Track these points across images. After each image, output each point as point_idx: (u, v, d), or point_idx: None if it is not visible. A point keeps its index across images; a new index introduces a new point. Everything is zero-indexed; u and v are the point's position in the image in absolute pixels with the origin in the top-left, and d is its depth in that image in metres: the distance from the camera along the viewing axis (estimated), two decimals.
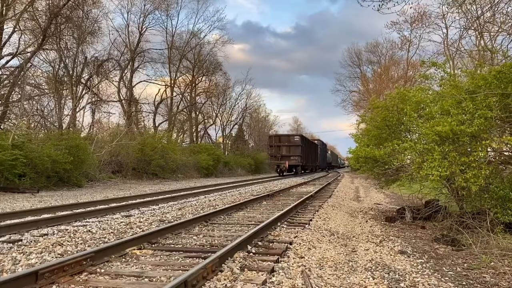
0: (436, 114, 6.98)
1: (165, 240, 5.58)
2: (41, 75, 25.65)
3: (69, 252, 4.78)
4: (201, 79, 43.76)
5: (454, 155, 5.86)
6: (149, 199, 11.56)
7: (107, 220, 7.63)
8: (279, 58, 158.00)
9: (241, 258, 4.45)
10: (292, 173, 34.54)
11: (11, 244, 5.25)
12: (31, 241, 5.41)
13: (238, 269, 4.00)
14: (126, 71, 34.19)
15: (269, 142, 35.32)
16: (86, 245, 5.22)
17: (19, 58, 21.15)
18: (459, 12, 16.80)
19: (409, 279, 4.12)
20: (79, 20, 24.57)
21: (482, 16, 15.68)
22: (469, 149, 6.19)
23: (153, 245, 5.23)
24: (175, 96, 40.06)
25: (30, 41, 22.03)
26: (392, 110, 8.83)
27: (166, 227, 6.00)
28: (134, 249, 4.89)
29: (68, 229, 6.44)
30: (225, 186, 18.58)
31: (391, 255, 5.26)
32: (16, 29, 20.56)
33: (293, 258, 4.62)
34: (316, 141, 46.91)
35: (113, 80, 32.96)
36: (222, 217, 8.05)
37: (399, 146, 7.15)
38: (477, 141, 6.08)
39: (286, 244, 5.33)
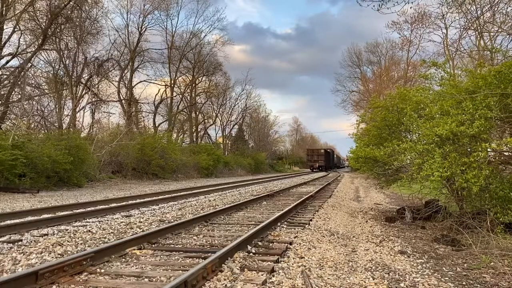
0: (436, 114, 6.97)
1: (165, 240, 5.58)
2: (41, 75, 25.69)
3: (69, 252, 4.78)
4: (201, 79, 43.82)
5: (454, 156, 5.85)
6: (149, 199, 11.57)
7: (107, 220, 7.63)
8: (279, 59, 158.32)
9: (241, 258, 4.45)
10: (319, 170, 55.99)
11: (11, 244, 5.25)
12: (31, 241, 5.41)
13: (238, 269, 4.00)
14: (126, 71, 34.21)
15: (307, 152, 63.39)
16: (86, 245, 5.22)
17: (19, 58, 21.16)
18: (459, 12, 16.83)
19: (409, 279, 4.12)
20: (80, 21, 24.56)
21: (482, 16, 15.71)
22: (469, 150, 6.19)
23: (153, 245, 5.23)
24: (175, 96, 40.09)
25: (31, 42, 22.04)
26: (392, 110, 8.83)
27: (166, 227, 6.00)
28: (134, 249, 4.89)
29: (68, 229, 6.44)
30: (225, 186, 18.59)
31: (391, 255, 5.26)
32: (16, 29, 20.57)
33: (293, 258, 4.62)
34: (329, 150, 67.43)
35: (113, 80, 32.99)
36: (222, 217, 8.05)
37: (399, 147, 7.15)
38: (477, 141, 6.07)
39: (286, 244, 5.33)
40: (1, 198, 11.67)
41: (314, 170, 56.63)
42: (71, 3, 21.91)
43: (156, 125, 37.69)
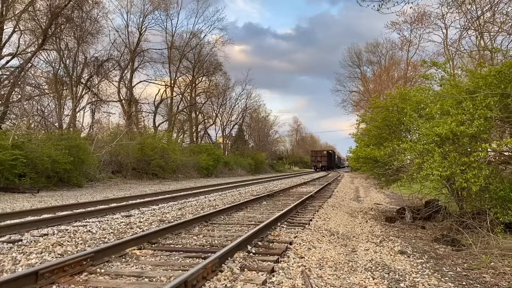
0: (436, 114, 6.97)
1: (165, 240, 5.58)
2: (41, 75, 25.70)
3: (69, 252, 4.78)
4: (201, 79, 43.81)
5: (454, 156, 5.85)
6: (149, 199, 11.56)
7: (107, 220, 7.63)
8: (280, 59, 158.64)
9: (241, 258, 4.45)
10: (321, 169, 60.81)
11: (11, 244, 5.25)
12: (31, 241, 5.41)
13: (238, 269, 4.00)
14: (126, 71, 34.23)
15: (311, 154, 68.49)
16: (86, 245, 5.22)
17: (19, 58, 21.16)
18: (459, 12, 16.84)
19: (409, 279, 4.12)
20: (80, 21, 24.57)
21: (482, 16, 15.71)
22: (469, 149, 6.19)
23: (153, 245, 5.23)
24: (175, 96, 40.09)
25: (30, 42, 22.04)
26: (393, 110, 8.83)
27: (166, 227, 6.00)
28: (134, 249, 4.89)
29: (68, 229, 6.44)
30: (225, 186, 18.59)
31: (391, 255, 5.26)
32: (16, 29, 20.57)
33: (293, 258, 4.62)
34: (331, 151, 71.10)
35: (113, 80, 33.01)
36: (222, 217, 8.05)
37: (399, 147, 7.15)
38: (477, 141, 6.07)
39: (286, 244, 5.33)
40: (1, 198, 11.66)
41: (317, 169, 61.87)
42: (71, 3, 21.90)
43: (156, 125, 37.72)
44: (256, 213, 8.86)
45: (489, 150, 6.05)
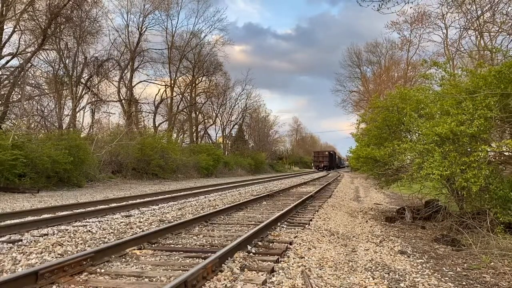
0: (436, 114, 6.98)
1: (165, 240, 5.58)
2: (41, 75, 25.68)
3: (69, 252, 4.78)
4: (201, 79, 43.81)
5: (454, 155, 5.85)
6: (149, 199, 11.56)
7: (107, 220, 7.63)
8: (280, 59, 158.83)
9: (241, 258, 4.45)
10: (324, 169, 63.23)
11: (11, 244, 5.25)
12: (31, 241, 5.41)
13: (238, 269, 4.00)
14: (126, 71, 34.22)
15: (313, 154, 71.65)
16: (86, 245, 5.22)
17: (19, 58, 21.15)
18: (459, 12, 16.85)
19: (409, 279, 4.12)
20: (79, 20, 24.56)
21: (482, 16, 15.72)
22: (469, 149, 6.19)
23: (153, 245, 5.23)
24: (175, 96, 40.09)
25: (30, 41, 22.04)
26: (393, 110, 8.84)
27: (166, 227, 6.00)
28: (134, 249, 4.89)
29: (68, 229, 6.44)
30: (225, 186, 18.58)
31: (391, 255, 5.26)
32: (16, 29, 20.56)
33: (293, 258, 4.62)
34: (332, 152, 74.06)
35: (113, 80, 33.01)
36: (222, 217, 8.05)
37: (399, 147, 7.15)
38: (477, 141, 6.07)
39: (286, 244, 5.33)
40: (1, 198, 11.66)
41: (319, 169, 64.42)
42: (70, 2, 21.89)
43: (156, 125, 37.71)
44: (256, 213, 8.86)
45: (488, 150, 6.05)
